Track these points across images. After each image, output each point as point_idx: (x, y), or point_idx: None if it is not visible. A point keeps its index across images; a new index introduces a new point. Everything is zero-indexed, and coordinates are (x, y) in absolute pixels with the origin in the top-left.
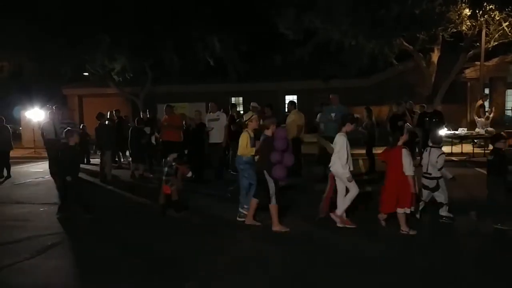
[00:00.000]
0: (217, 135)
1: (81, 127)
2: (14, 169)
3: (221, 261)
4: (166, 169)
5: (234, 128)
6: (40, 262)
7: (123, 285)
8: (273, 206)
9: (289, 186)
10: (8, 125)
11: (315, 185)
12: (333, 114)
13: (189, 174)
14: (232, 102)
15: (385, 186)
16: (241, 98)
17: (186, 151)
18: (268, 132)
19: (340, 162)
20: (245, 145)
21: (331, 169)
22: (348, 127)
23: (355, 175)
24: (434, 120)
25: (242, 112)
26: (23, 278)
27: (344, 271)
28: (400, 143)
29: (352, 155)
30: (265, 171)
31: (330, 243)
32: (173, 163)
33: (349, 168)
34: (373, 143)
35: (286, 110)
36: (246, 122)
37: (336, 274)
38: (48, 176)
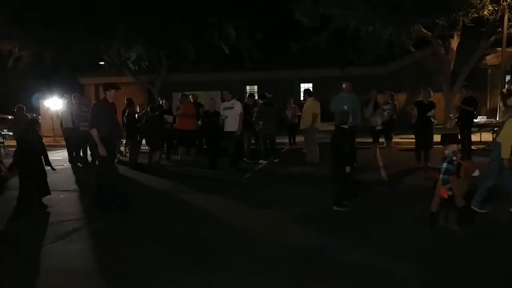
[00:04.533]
0: (231, 124)
1: None
2: None
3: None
4: (444, 165)
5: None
6: (62, 246)
7: (139, 269)
8: None
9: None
10: (28, 114)
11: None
12: (345, 107)
13: (477, 173)
14: (247, 90)
15: None
16: (256, 87)
17: (197, 142)
18: None
19: None
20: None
21: None
22: None
23: None
24: None
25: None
26: (47, 262)
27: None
28: None
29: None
30: None
31: None
32: (454, 158)
33: None
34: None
35: (302, 99)
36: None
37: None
38: (67, 164)
